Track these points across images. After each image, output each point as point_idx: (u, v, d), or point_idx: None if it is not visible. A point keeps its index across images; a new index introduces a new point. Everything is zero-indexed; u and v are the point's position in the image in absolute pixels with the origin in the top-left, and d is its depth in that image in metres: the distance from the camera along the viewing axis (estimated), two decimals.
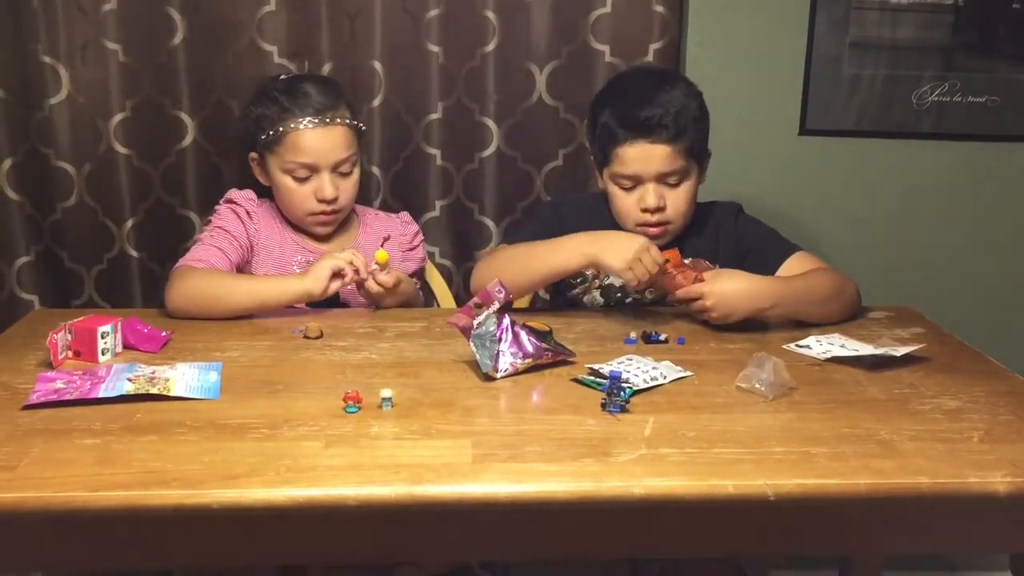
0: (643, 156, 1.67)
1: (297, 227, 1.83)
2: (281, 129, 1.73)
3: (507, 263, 1.65)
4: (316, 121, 1.73)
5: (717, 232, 1.79)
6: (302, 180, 1.75)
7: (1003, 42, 2.06)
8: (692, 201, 1.73)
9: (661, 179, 1.68)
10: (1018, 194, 2.14)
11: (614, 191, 1.73)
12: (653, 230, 1.71)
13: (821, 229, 2.08)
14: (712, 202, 1.83)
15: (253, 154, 1.81)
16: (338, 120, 1.75)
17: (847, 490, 1.03)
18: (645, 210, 1.69)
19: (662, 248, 1.61)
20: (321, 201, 1.76)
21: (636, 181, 1.69)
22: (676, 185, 1.70)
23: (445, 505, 1.02)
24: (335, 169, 1.76)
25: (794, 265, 1.70)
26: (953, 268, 2.16)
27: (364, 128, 1.88)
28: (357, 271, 1.65)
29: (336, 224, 1.83)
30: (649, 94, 1.69)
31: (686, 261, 1.63)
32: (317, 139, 1.73)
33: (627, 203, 1.71)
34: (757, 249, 1.75)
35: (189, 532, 1.05)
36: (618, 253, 1.53)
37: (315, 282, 1.61)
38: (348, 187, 1.79)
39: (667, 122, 1.66)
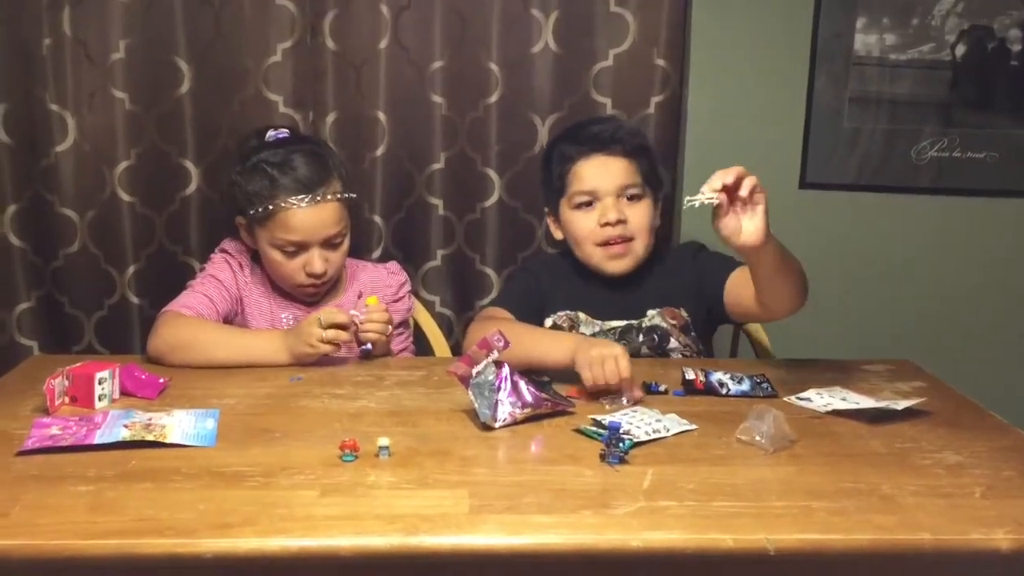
0: (600, 168, 1.72)
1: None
2: (271, 207, 1.68)
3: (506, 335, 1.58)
4: (307, 199, 1.68)
5: (679, 271, 1.79)
6: (291, 254, 1.72)
7: (1001, 98, 2.09)
8: (651, 225, 1.75)
9: (620, 193, 1.72)
10: (1017, 249, 2.14)
11: (572, 217, 1.75)
12: (616, 247, 1.72)
13: (821, 282, 2.07)
14: (678, 246, 1.84)
15: (240, 219, 1.77)
16: (329, 196, 1.71)
17: (848, 545, 1.02)
18: (606, 224, 1.70)
19: (631, 278, 1.65)
20: (310, 275, 1.73)
21: (594, 197, 1.72)
22: (634, 201, 1.73)
23: (441, 557, 1.00)
24: (324, 243, 1.73)
25: (741, 273, 1.66)
26: (953, 322, 2.16)
27: (355, 196, 1.83)
28: (346, 327, 1.61)
29: (324, 291, 1.81)
30: (600, 119, 1.84)
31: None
32: (307, 217, 1.69)
33: (586, 224, 1.73)
34: (709, 270, 1.75)
35: None
36: (587, 351, 1.44)
37: (303, 351, 1.59)
38: (337, 258, 1.76)
39: (620, 136, 1.73)
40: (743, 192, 1.33)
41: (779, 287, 1.51)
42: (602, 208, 1.72)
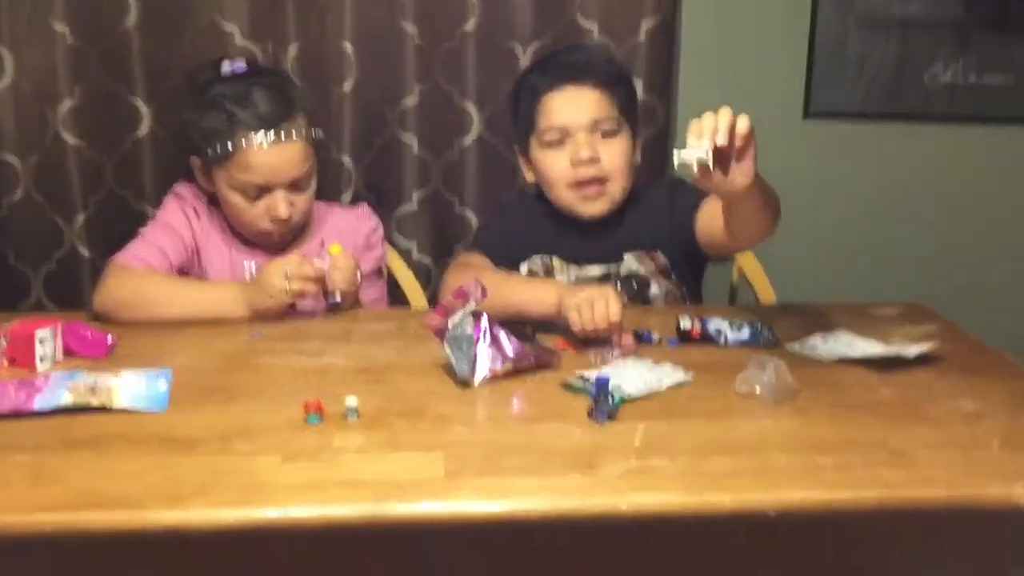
0: (571, 100, 1.64)
1: None
2: (230, 146, 1.60)
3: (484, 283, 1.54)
4: (271, 138, 1.60)
5: (656, 211, 1.73)
6: (253, 198, 1.64)
7: (1019, 18, 2.03)
8: (628, 164, 1.68)
9: (593, 129, 1.64)
10: None
11: (543, 157, 1.67)
12: (590, 188, 1.65)
13: (827, 217, 2.06)
14: (654, 183, 1.80)
15: (196, 160, 1.68)
16: (293, 134, 1.62)
17: (856, 504, 0.98)
18: (579, 163, 1.63)
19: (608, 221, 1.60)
20: (274, 220, 1.65)
21: (564, 134, 1.65)
22: (609, 137, 1.65)
23: (414, 526, 0.96)
24: (289, 186, 1.65)
25: (712, 204, 1.61)
26: (967, 259, 2.15)
27: (322, 134, 1.77)
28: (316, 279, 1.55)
29: (290, 238, 1.74)
30: (573, 47, 1.76)
31: None
32: (270, 157, 1.60)
33: (558, 163, 1.66)
34: (682, 205, 1.68)
35: (129, 559, 0.99)
36: (575, 294, 1.41)
37: (265, 304, 1.53)
38: (303, 202, 1.68)
39: (594, 65, 1.66)
40: (738, 143, 1.23)
41: (757, 220, 1.45)
42: (574, 145, 1.63)
